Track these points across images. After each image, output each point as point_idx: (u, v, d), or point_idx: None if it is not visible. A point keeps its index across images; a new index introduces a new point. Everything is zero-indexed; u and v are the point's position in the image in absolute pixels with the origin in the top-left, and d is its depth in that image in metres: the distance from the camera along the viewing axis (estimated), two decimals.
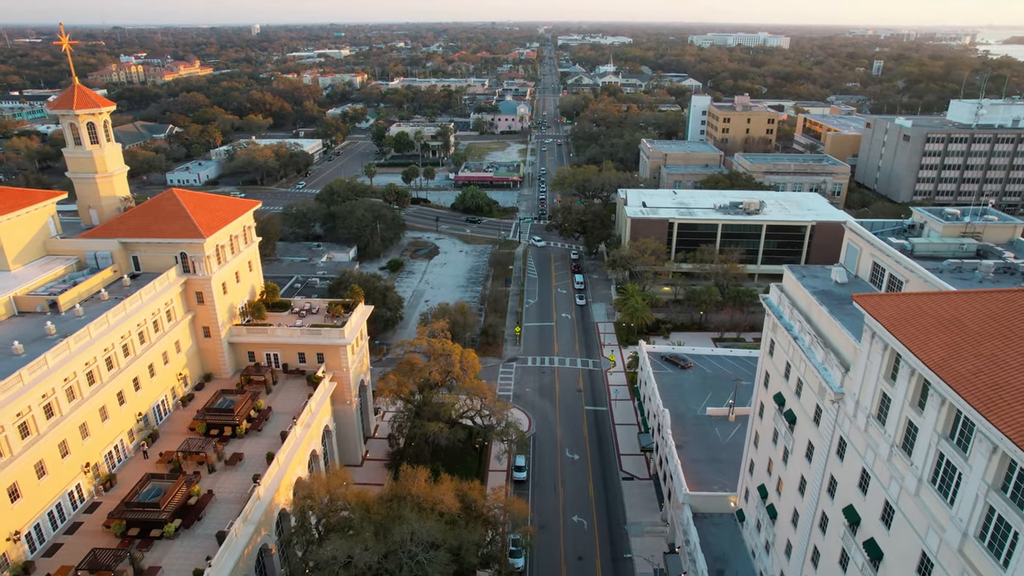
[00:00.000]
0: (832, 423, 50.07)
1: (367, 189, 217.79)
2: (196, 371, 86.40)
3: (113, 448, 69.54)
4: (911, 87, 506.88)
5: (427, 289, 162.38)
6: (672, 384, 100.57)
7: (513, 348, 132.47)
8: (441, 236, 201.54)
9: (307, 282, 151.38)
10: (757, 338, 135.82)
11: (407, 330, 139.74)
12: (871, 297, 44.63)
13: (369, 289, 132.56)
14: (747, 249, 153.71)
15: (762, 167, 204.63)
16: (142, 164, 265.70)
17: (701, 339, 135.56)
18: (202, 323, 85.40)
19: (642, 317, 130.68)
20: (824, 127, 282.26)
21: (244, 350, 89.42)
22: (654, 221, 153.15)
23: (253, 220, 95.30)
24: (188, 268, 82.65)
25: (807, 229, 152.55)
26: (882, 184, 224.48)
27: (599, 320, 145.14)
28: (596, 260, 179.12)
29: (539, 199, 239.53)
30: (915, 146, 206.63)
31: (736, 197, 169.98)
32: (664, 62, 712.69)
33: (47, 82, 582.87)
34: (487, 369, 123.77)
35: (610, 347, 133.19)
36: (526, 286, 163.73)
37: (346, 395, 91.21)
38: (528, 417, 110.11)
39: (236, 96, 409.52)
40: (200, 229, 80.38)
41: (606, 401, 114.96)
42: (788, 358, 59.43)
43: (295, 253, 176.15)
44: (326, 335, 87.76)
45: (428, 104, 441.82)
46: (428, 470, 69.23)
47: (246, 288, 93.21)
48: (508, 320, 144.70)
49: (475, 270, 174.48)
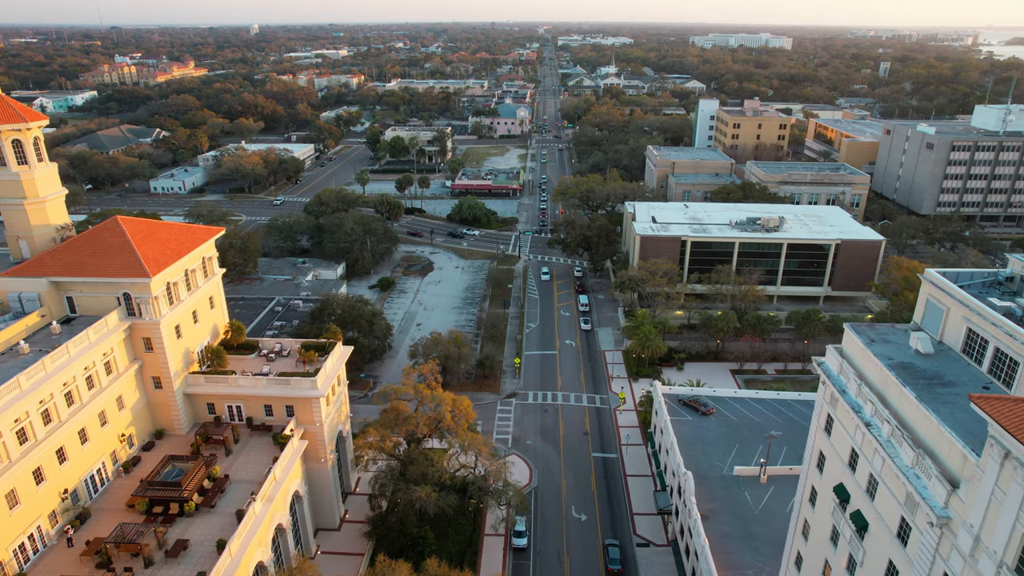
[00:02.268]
0: (931, 553, 38.19)
1: (358, 199, 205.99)
2: (145, 428, 74.48)
3: (27, 538, 57.60)
4: (920, 89, 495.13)
5: (420, 311, 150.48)
6: (692, 435, 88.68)
7: (512, 381, 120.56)
8: (436, 250, 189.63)
9: (289, 305, 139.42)
10: (779, 369, 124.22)
11: (397, 359, 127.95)
12: (999, 402, 32.76)
13: (354, 316, 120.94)
14: (766, 269, 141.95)
15: (776, 177, 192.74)
16: (124, 171, 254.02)
17: (718, 371, 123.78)
18: (151, 373, 73.49)
19: (654, 348, 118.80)
20: (837, 132, 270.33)
21: (202, 402, 77.51)
22: (665, 239, 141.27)
23: (215, 250, 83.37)
24: (133, 310, 70.74)
25: (831, 248, 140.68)
26: (902, 194, 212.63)
27: (606, 348, 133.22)
28: (601, 277, 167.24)
29: (540, 209, 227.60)
30: (939, 155, 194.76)
31: (752, 211, 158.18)
32: (666, 63, 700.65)
33: (37, 83, 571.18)
34: (483, 407, 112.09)
35: (619, 380, 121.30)
36: (526, 307, 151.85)
37: (320, 452, 79.30)
38: (529, 466, 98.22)
39: (227, 99, 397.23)
40: (146, 266, 68.48)
41: (616, 445, 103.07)
42: (855, 445, 47.50)
43: (279, 270, 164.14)
44: (296, 386, 75.83)
45: (425, 107, 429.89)
46: (409, 564, 57.35)
47: (206, 328, 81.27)
48: (507, 347, 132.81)
49: (471, 289, 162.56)
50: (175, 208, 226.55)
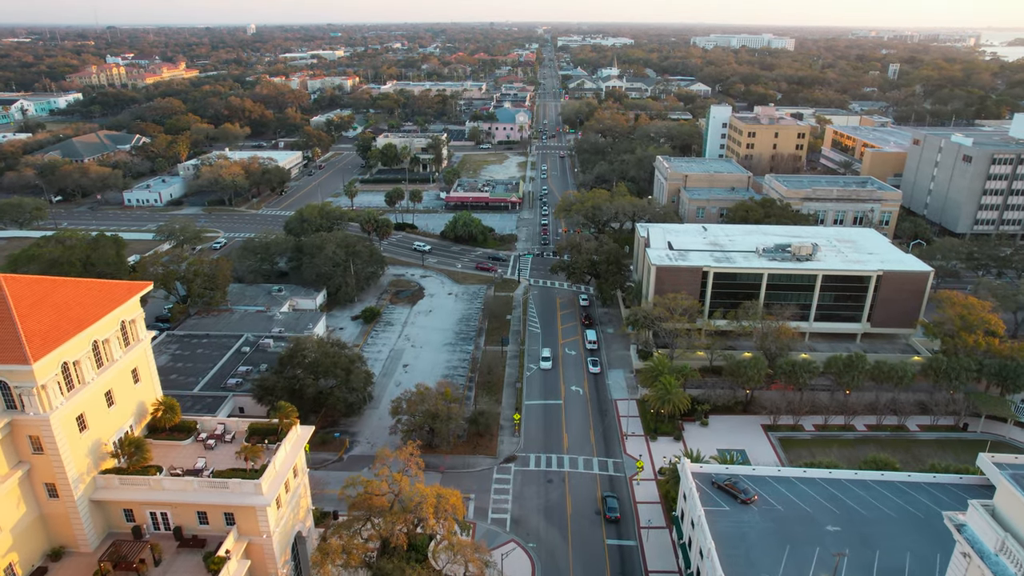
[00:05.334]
0: None
1: (344, 215, 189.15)
2: (35, 549, 58.01)
3: None
4: (933, 92, 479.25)
5: (407, 348, 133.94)
6: (732, 532, 72.20)
7: (511, 441, 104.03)
8: (427, 273, 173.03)
9: (258, 344, 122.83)
10: (819, 425, 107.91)
11: (379, 410, 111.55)
12: None
13: (329, 364, 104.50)
14: (798, 304, 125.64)
15: (799, 193, 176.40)
16: (95, 182, 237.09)
17: (748, 426, 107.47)
18: (43, 479, 57.05)
19: (676, 403, 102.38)
20: (857, 141, 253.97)
21: (117, 508, 61.07)
22: (685, 270, 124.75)
23: (140, 308, 66.79)
24: (13, 403, 54.28)
25: (872, 279, 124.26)
26: (934, 211, 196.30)
27: (618, 396, 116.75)
28: (610, 307, 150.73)
29: (541, 224, 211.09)
30: (978, 168, 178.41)
31: (780, 235, 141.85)
32: (669, 65, 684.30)
33: (21, 85, 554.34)
34: (477, 476, 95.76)
35: (635, 439, 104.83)
36: (527, 343, 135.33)
37: (268, 567, 62.85)
38: (531, 559, 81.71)
39: (214, 103, 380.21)
40: (27, 346, 52.03)
41: (634, 530, 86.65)
42: None
43: (251, 299, 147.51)
44: (235, 490, 59.42)
45: (421, 110, 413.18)
46: None
47: (126, 411, 64.73)
48: (505, 395, 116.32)
49: (466, 320, 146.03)
50: (148, 223, 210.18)
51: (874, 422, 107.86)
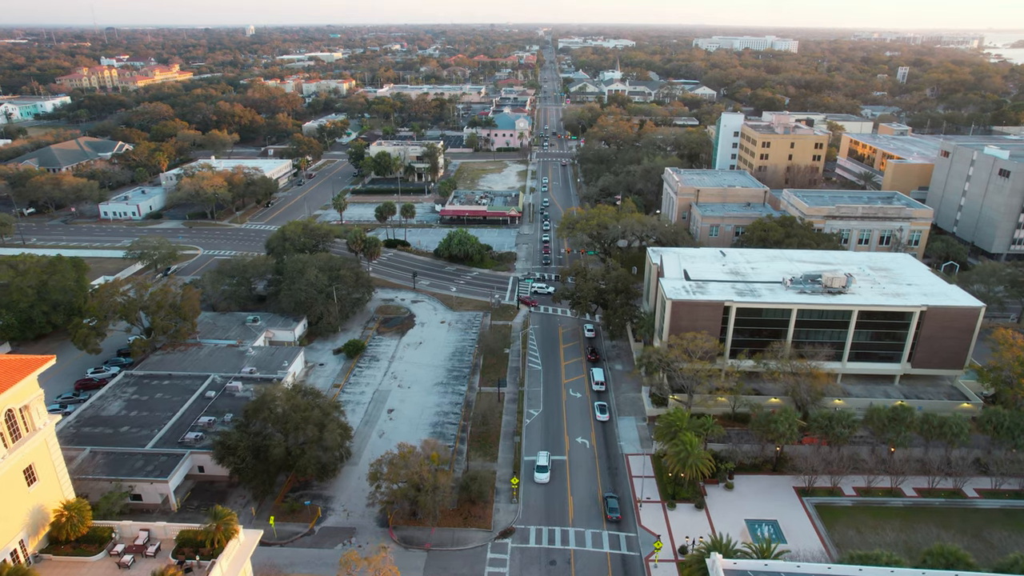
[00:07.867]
0: None
1: (330, 232, 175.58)
2: None
3: None
4: (945, 96, 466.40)
5: (393, 389, 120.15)
6: None
7: (508, 510, 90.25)
8: (419, 298, 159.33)
9: (225, 388, 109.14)
10: (860, 488, 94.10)
11: (358, 467, 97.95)
12: None
13: (299, 419, 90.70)
14: (830, 342, 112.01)
15: (822, 211, 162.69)
16: (68, 193, 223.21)
17: (779, 489, 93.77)
18: None
19: (698, 467, 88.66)
20: (877, 150, 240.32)
21: None
22: (703, 305, 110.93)
23: (37, 388, 53.06)
24: None
25: (914, 316, 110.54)
26: (965, 228, 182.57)
27: (630, 450, 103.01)
28: (619, 339, 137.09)
29: (542, 242, 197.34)
30: (1017, 183, 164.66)
31: (807, 262, 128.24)
32: (672, 67, 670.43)
33: (9, 87, 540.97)
34: (469, 554, 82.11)
35: (650, 506, 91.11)
36: (527, 384, 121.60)
37: None
38: None
39: (202, 107, 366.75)
40: None
41: None
42: None
43: (223, 331, 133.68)
44: None
45: (418, 115, 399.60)
46: None
47: (14, 523, 50.99)
48: (501, 448, 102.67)
49: (459, 355, 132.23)
50: (124, 238, 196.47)
51: (925, 485, 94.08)
